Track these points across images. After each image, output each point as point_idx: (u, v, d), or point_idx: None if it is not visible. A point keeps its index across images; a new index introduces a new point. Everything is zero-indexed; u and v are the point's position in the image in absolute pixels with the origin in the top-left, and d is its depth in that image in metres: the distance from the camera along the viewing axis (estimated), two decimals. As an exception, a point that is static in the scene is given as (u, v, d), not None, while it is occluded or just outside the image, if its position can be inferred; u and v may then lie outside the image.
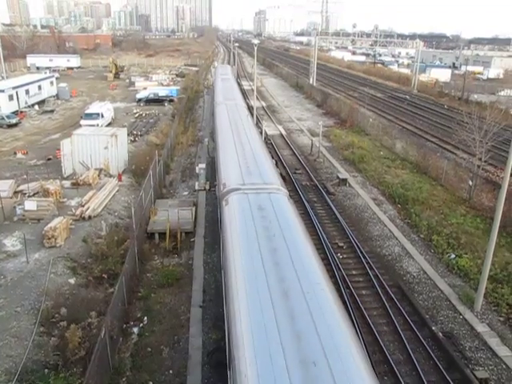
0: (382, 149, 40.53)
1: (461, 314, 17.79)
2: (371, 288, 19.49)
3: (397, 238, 24.13)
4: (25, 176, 29.20)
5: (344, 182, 31.75)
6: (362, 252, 22.16)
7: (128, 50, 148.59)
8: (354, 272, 20.72)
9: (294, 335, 9.39)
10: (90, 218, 24.25)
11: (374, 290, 19.29)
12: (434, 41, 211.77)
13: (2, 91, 50.00)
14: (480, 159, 29.44)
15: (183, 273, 20.44)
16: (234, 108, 34.75)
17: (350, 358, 8.95)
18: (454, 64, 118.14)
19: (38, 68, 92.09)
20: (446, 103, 65.65)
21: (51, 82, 63.76)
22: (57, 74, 77.93)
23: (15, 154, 36.28)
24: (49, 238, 21.05)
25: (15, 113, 50.01)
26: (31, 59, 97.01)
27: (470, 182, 28.27)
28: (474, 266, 20.69)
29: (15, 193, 27.26)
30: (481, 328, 16.98)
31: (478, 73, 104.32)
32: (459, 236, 23.40)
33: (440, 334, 16.50)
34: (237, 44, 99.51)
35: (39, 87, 59.32)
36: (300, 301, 10.48)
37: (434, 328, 16.84)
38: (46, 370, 14.22)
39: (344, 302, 17.28)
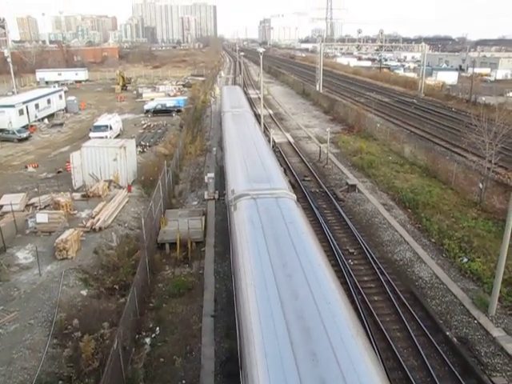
0: (391, 154, 40.39)
1: (475, 319, 17.57)
2: (383, 294, 19.35)
3: (408, 243, 23.97)
4: (36, 189, 29.54)
5: (353, 187, 31.64)
6: (372, 258, 22.03)
7: (135, 61, 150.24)
8: (365, 278, 20.60)
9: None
10: (100, 229, 24.40)
11: (386, 295, 19.15)
12: (439, 44, 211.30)
13: (13, 106, 50.70)
14: (490, 161, 29.24)
15: (194, 282, 20.44)
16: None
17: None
18: (460, 66, 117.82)
19: (46, 82, 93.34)
20: (453, 106, 65.35)
21: (60, 96, 64.52)
22: (65, 88, 78.86)
23: (26, 167, 36.70)
24: (60, 250, 21.20)
25: (25, 127, 50.64)
26: (40, 74, 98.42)
27: (481, 185, 28.04)
28: (487, 269, 20.47)
29: (27, 206, 27.57)
30: (496, 333, 16.74)
31: (486, 74, 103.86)
32: (471, 239, 23.19)
33: (455, 340, 16.31)
34: (242, 53, 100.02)
35: (48, 101, 60.03)
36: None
37: (448, 333, 16.65)
38: (61, 382, 14.27)
39: (356, 309, 17.19)
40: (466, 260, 21.60)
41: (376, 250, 23.30)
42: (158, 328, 17.38)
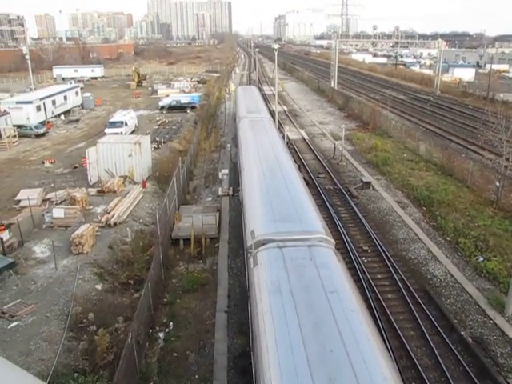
0: (406, 151, 40.05)
1: (491, 319, 17.37)
2: (397, 292, 19.23)
3: (422, 241, 23.77)
4: (52, 184, 29.92)
5: (368, 185, 31.46)
6: (386, 255, 21.90)
7: (150, 58, 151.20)
8: (379, 276, 20.49)
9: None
10: (115, 224, 24.65)
11: (400, 293, 19.03)
12: (456, 40, 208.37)
13: (30, 102, 51.43)
14: (507, 159, 28.84)
15: (208, 278, 20.56)
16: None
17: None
18: (477, 63, 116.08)
19: (63, 79, 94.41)
20: (470, 103, 64.49)
21: (76, 92, 65.25)
22: (81, 84, 79.72)
23: (43, 163, 37.23)
24: (76, 245, 21.49)
25: (42, 123, 51.33)
26: (57, 70, 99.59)
27: (498, 183, 27.66)
28: (503, 269, 20.21)
29: (43, 201, 27.97)
30: (512, 333, 16.54)
31: (504, 71, 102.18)
32: (487, 238, 22.90)
33: (469, 340, 16.14)
34: (257, 49, 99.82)
35: (65, 97, 60.73)
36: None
37: (462, 333, 16.49)
38: (76, 374, 14.49)
39: (369, 307, 17.12)
40: (481, 259, 21.35)
41: (390, 247, 23.16)
42: (171, 323, 17.53)
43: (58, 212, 24.58)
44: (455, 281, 20.12)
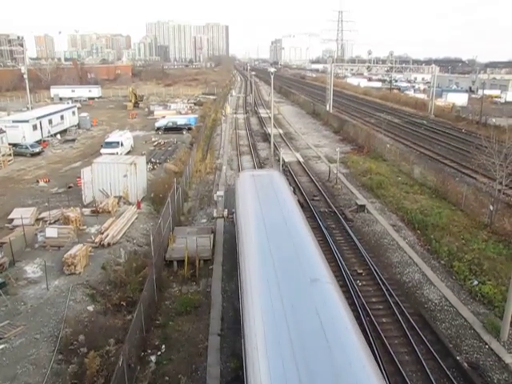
0: (400, 174, 40.29)
1: (486, 344, 17.23)
2: (392, 316, 19.09)
3: (417, 265, 23.71)
4: (46, 204, 29.76)
5: (362, 208, 31.51)
6: (381, 279, 21.81)
7: (147, 79, 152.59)
8: (373, 299, 20.36)
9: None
10: (109, 245, 24.48)
11: (395, 317, 18.89)
12: (449, 65, 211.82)
13: (27, 121, 51.62)
14: (501, 183, 29.01)
15: (201, 300, 20.34)
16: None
17: None
18: (470, 88, 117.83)
19: (60, 98, 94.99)
20: (463, 127, 65.25)
21: (73, 112, 65.55)
22: (78, 104, 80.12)
23: (38, 182, 37.12)
24: (68, 265, 21.27)
25: (39, 142, 51.38)
26: (55, 90, 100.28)
27: (491, 207, 27.79)
28: (498, 292, 20.13)
29: (37, 220, 27.79)
30: (509, 359, 16.36)
31: (496, 96, 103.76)
32: (481, 262, 22.87)
33: (465, 365, 15.98)
34: (253, 72, 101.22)
35: (62, 117, 60.97)
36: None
37: (458, 358, 16.34)
38: (64, 399, 14.17)
39: (364, 331, 16.95)
40: (476, 283, 21.29)
41: (385, 271, 23.08)
42: (163, 346, 17.26)
43: (52, 231, 24.39)
44: (450, 304, 20.02)
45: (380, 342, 17.17)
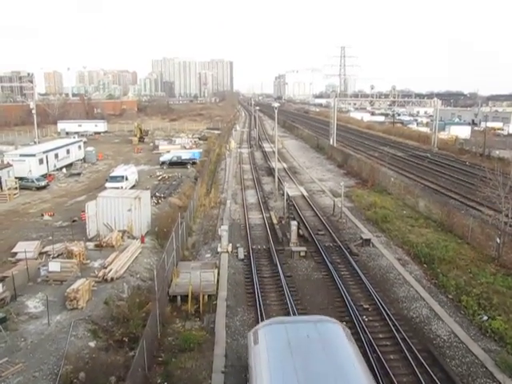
0: (405, 208, 40.15)
1: (500, 383, 16.67)
2: (399, 352, 18.61)
3: (424, 300, 23.30)
4: (50, 237, 29.73)
5: (367, 242, 31.26)
6: (388, 314, 21.39)
7: (152, 114, 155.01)
8: (380, 335, 19.91)
9: None
10: (112, 280, 24.25)
11: (403, 354, 18.41)
12: (451, 99, 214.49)
13: (33, 155, 52.28)
14: (507, 215, 28.80)
15: (205, 337, 19.95)
16: None
17: None
18: (473, 121, 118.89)
19: (67, 133, 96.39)
20: (467, 160, 65.41)
21: (79, 146, 66.45)
22: (85, 139, 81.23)
23: (42, 215, 37.21)
24: (71, 300, 21.03)
25: (44, 176, 51.84)
26: (61, 125, 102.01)
27: (498, 240, 27.50)
28: (509, 328, 19.66)
29: (40, 254, 27.70)
30: (523, 399, 15.83)
31: (499, 129, 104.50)
32: (490, 296, 22.46)
33: (477, 405, 15.44)
34: (257, 107, 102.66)
35: (68, 151, 61.76)
36: None
37: (469, 397, 15.80)
38: None
39: (371, 368, 16.47)
40: (485, 318, 20.83)
41: (391, 306, 22.66)
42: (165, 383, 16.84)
43: (54, 266, 24.24)
44: (459, 341, 19.53)
45: (388, 380, 16.67)
